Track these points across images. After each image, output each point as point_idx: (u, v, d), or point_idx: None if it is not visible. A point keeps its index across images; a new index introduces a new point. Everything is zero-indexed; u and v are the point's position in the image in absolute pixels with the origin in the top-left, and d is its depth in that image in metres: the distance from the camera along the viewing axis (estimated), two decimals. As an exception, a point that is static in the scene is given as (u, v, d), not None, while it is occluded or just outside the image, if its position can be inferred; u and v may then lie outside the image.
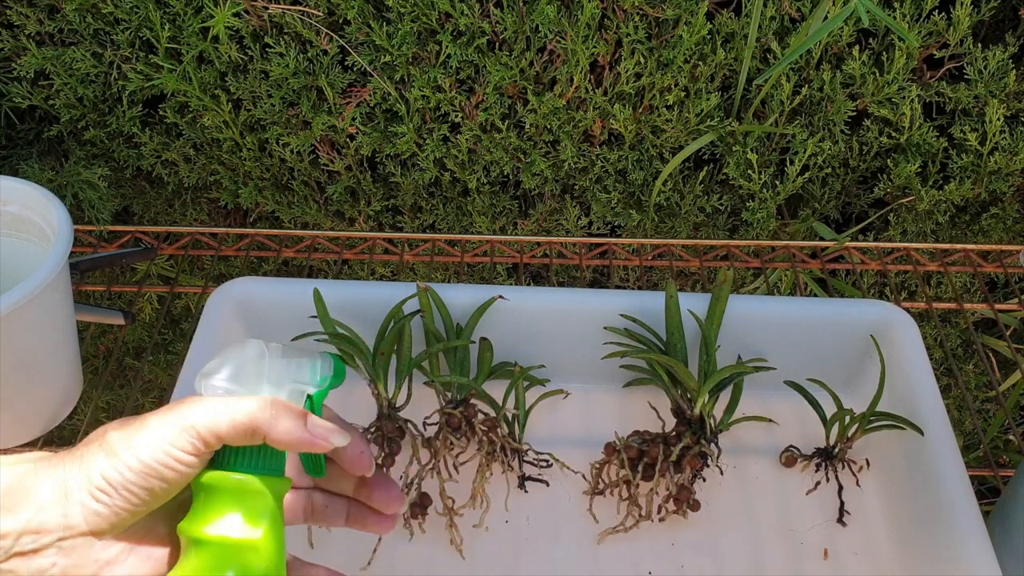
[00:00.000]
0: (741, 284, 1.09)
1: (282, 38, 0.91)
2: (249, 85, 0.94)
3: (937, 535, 0.68)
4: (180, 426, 0.42)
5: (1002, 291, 1.10)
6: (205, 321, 0.79)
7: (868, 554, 0.73)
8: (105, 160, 1.04)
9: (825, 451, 0.78)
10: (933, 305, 0.94)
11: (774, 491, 0.77)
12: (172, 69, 0.92)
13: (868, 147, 0.97)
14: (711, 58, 0.90)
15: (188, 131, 0.99)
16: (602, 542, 0.73)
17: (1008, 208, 1.00)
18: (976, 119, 0.94)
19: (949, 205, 1.01)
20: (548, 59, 0.92)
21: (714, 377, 0.73)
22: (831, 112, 0.94)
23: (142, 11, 0.89)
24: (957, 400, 1.16)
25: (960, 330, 1.13)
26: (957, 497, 0.68)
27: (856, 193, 1.04)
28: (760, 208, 0.99)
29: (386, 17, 0.89)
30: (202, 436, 0.42)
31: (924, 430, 0.72)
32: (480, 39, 0.89)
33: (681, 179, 1.01)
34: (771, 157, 0.99)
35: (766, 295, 0.98)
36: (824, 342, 0.81)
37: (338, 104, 0.95)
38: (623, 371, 0.81)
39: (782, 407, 0.81)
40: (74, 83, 0.96)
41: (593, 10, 0.85)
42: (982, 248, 1.01)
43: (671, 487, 0.72)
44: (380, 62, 0.91)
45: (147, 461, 0.41)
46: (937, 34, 0.90)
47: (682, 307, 0.78)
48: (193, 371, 0.75)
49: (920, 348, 0.78)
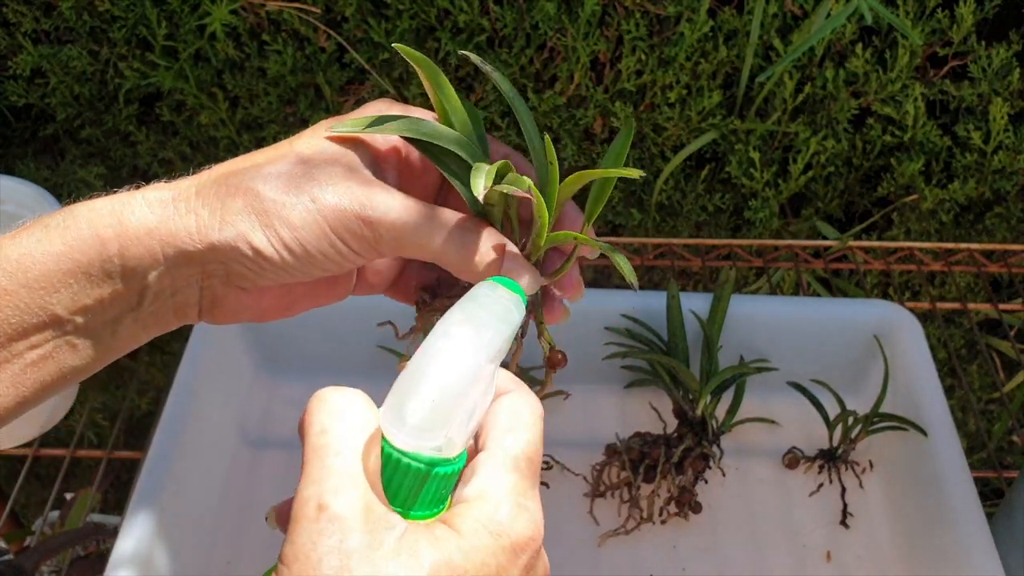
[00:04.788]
0: (743, 284, 1.09)
1: (279, 35, 0.90)
2: (246, 83, 0.93)
3: (941, 537, 0.67)
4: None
5: (1006, 291, 1.10)
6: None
7: (871, 556, 0.73)
8: (101, 159, 1.03)
9: (828, 452, 0.77)
10: (937, 305, 0.94)
11: (777, 493, 0.77)
12: (168, 67, 0.92)
13: (871, 145, 0.97)
14: (713, 55, 0.89)
15: (184, 129, 0.99)
16: (603, 544, 0.73)
17: (1012, 207, 0.99)
18: (980, 117, 0.94)
19: (953, 204, 1.00)
20: (548, 56, 0.91)
21: (716, 378, 0.73)
22: (834, 110, 0.93)
23: (138, 8, 0.89)
24: (961, 401, 1.15)
25: (964, 330, 1.12)
26: (961, 499, 0.67)
27: (859, 192, 1.03)
28: (763, 207, 0.98)
29: (384, 14, 0.88)
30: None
31: (928, 431, 0.72)
32: (479, 36, 0.88)
33: (683, 178, 1.00)
34: (774, 155, 0.98)
35: (769, 295, 0.97)
36: (827, 343, 0.80)
37: (336, 102, 0.94)
38: (624, 372, 0.80)
39: (785, 408, 0.81)
40: (70, 81, 0.95)
41: (594, 6, 0.85)
42: (986, 248, 1.00)
43: (673, 489, 0.71)
44: (378, 59, 0.90)
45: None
46: (941, 32, 0.89)
47: (684, 307, 0.77)
48: (190, 371, 0.74)
49: (924, 349, 0.77)
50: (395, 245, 0.39)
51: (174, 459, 0.69)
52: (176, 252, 0.38)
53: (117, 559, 0.63)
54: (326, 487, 0.30)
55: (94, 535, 0.78)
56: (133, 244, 0.37)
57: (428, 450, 0.32)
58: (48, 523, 0.81)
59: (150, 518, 0.65)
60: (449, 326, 0.34)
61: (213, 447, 0.75)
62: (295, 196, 0.38)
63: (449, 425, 0.33)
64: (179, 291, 0.40)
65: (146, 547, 0.64)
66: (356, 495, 0.30)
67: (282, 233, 0.38)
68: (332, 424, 0.32)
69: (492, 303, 0.36)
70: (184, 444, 0.70)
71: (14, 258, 0.37)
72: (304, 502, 0.30)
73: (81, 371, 0.40)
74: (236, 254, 0.38)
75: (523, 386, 0.36)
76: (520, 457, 0.34)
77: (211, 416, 0.75)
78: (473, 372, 0.33)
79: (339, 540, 0.29)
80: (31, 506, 1.16)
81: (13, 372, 0.38)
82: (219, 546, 0.72)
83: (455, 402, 0.33)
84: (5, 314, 0.36)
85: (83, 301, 0.38)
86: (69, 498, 0.84)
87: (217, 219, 0.38)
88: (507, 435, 0.34)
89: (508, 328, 0.36)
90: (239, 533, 0.73)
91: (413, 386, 0.32)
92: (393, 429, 0.32)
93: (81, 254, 0.37)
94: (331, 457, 0.31)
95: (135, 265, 0.38)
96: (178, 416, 0.71)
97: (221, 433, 0.77)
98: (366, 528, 0.30)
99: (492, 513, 0.32)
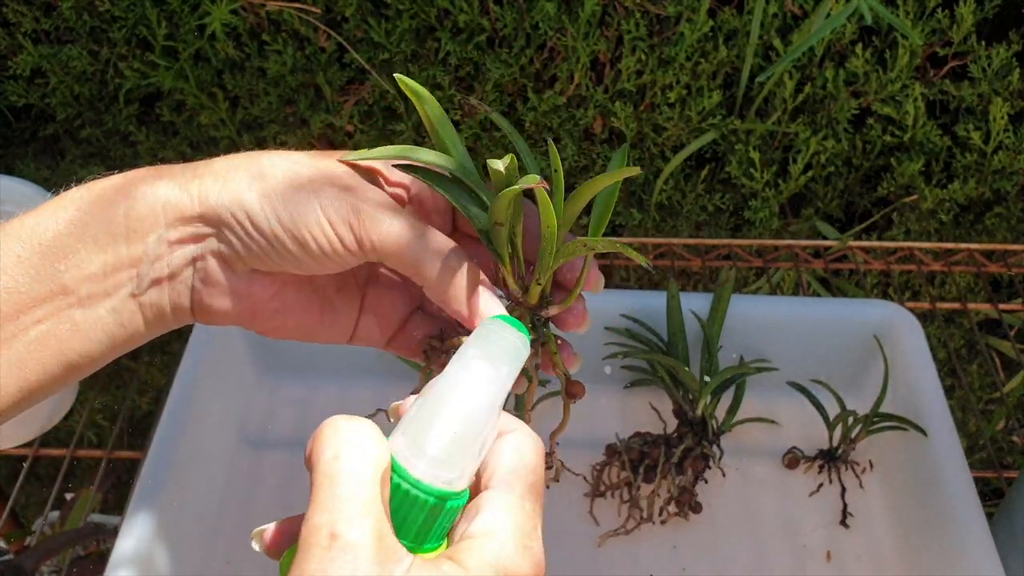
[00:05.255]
0: (743, 284, 1.09)
1: (279, 35, 0.90)
2: (246, 83, 0.93)
3: (940, 537, 0.67)
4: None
5: (1006, 291, 1.10)
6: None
7: (871, 556, 0.73)
8: (101, 158, 1.03)
9: (828, 453, 0.77)
10: (937, 305, 0.94)
11: (776, 493, 0.77)
12: (169, 67, 0.92)
13: (871, 145, 0.97)
14: (713, 55, 0.89)
15: (184, 129, 0.99)
16: (603, 544, 0.73)
17: (1012, 207, 0.99)
18: (980, 117, 0.94)
19: (953, 204, 1.00)
20: (548, 56, 0.91)
21: (716, 378, 0.73)
22: (834, 110, 0.93)
23: (138, 8, 0.89)
24: (961, 401, 1.15)
25: (964, 330, 1.12)
26: (960, 499, 0.67)
27: (859, 192, 1.03)
28: (762, 207, 0.98)
29: (384, 14, 0.88)
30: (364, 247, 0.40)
31: (928, 431, 0.72)
32: (479, 36, 0.88)
33: (683, 178, 1.00)
34: (774, 155, 0.98)
35: (769, 295, 0.97)
36: (827, 343, 0.80)
37: (336, 102, 0.94)
38: (624, 372, 0.80)
39: (785, 408, 0.81)
40: (70, 81, 0.95)
41: (594, 6, 0.85)
42: (986, 248, 1.00)
43: (673, 489, 0.71)
44: (378, 59, 0.90)
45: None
46: (941, 32, 0.89)
47: (684, 307, 0.77)
48: (189, 371, 0.74)
49: (924, 349, 0.77)
50: (379, 245, 0.40)
51: (174, 459, 0.69)
52: (176, 216, 0.40)
53: (117, 559, 0.63)
54: (339, 516, 0.30)
55: (94, 535, 0.78)
56: (138, 203, 0.40)
57: (440, 483, 0.32)
58: (48, 523, 0.81)
59: (150, 518, 0.65)
60: (468, 360, 0.35)
61: (213, 447, 0.75)
62: (295, 177, 0.40)
63: (466, 458, 0.33)
64: (175, 273, 0.41)
65: (146, 547, 0.64)
66: (369, 525, 0.30)
67: (276, 204, 0.40)
68: (345, 451, 0.32)
69: (503, 340, 0.37)
70: (184, 444, 0.70)
71: (30, 225, 0.39)
72: (315, 529, 0.30)
73: (82, 363, 0.41)
74: (230, 219, 0.40)
75: (524, 426, 0.36)
76: (525, 496, 0.34)
77: (211, 416, 0.75)
78: (492, 405, 0.34)
79: (351, 570, 0.29)
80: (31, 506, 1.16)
81: (18, 351, 0.39)
82: (219, 546, 0.72)
83: (475, 435, 0.33)
84: (17, 281, 0.38)
85: (89, 268, 0.39)
86: (69, 498, 0.84)
87: (219, 186, 0.40)
88: (512, 476, 0.34)
89: (518, 364, 0.36)
90: (239, 533, 0.73)
91: (434, 417, 0.33)
92: (413, 459, 0.32)
93: (91, 216, 0.39)
94: (344, 485, 0.31)
95: (137, 227, 0.40)
96: (178, 416, 0.71)
97: (221, 433, 0.77)
98: (378, 559, 0.30)
99: (498, 552, 0.32)
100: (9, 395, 0.39)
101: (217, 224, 0.40)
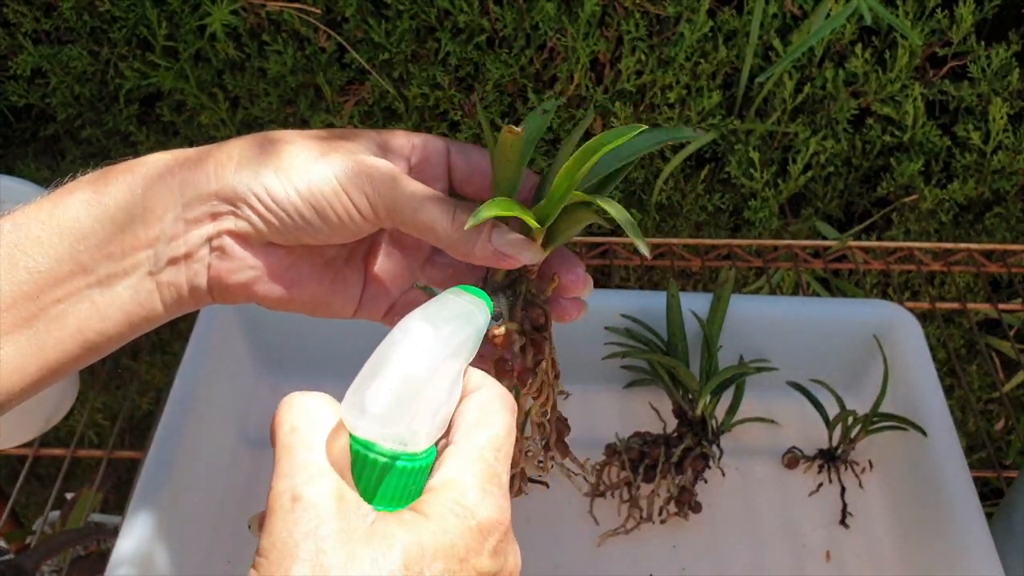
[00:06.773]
0: (743, 284, 1.09)
1: (279, 35, 0.90)
2: (246, 83, 0.93)
3: (940, 537, 0.67)
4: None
5: (1006, 291, 1.10)
6: (203, 321, 0.78)
7: (870, 556, 0.73)
8: (102, 159, 1.02)
9: (828, 452, 0.77)
10: (936, 305, 0.94)
11: (776, 493, 0.77)
12: (169, 67, 0.92)
13: (871, 146, 0.97)
14: (713, 56, 0.89)
15: (185, 129, 0.99)
16: (603, 544, 0.73)
17: (1012, 207, 0.99)
18: (979, 118, 0.94)
19: (952, 204, 1.00)
20: (548, 56, 0.91)
21: (716, 378, 0.73)
22: (834, 110, 0.93)
23: (139, 9, 0.89)
24: (960, 401, 1.15)
25: (963, 330, 1.12)
26: (960, 499, 0.67)
27: (859, 192, 1.03)
28: (762, 207, 0.98)
29: (384, 14, 0.88)
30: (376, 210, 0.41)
31: (927, 431, 0.72)
32: (479, 36, 0.88)
33: (682, 178, 1.00)
34: (773, 155, 0.98)
35: (768, 295, 0.97)
36: (827, 343, 0.80)
37: (336, 102, 0.94)
38: (624, 371, 0.80)
39: (784, 408, 0.81)
40: (70, 81, 0.95)
41: (593, 7, 0.85)
42: (986, 248, 1.00)
43: (672, 489, 0.71)
44: (379, 60, 0.90)
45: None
46: (940, 32, 0.89)
47: (684, 307, 0.77)
48: (189, 371, 0.74)
49: (923, 349, 0.77)
50: (394, 210, 0.41)
51: (174, 459, 0.69)
52: (193, 195, 0.41)
53: (117, 559, 0.63)
54: (298, 479, 0.32)
55: (94, 535, 0.78)
56: (155, 182, 0.41)
57: (391, 442, 0.33)
58: (48, 523, 0.81)
59: (150, 518, 0.65)
60: (407, 321, 0.36)
61: (213, 447, 0.75)
62: (308, 151, 0.42)
63: (411, 416, 0.33)
64: (191, 252, 0.42)
65: (146, 547, 0.64)
66: (328, 484, 0.32)
67: (292, 176, 0.41)
68: (301, 423, 0.34)
69: (453, 304, 0.38)
70: (184, 444, 0.70)
71: (48, 208, 0.40)
72: (278, 495, 0.32)
73: (100, 342, 0.41)
74: (247, 193, 0.41)
75: (494, 383, 0.37)
76: (486, 447, 0.35)
77: (211, 416, 0.75)
78: (432, 364, 0.34)
79: (314, 526, 0.31)
80: (31, 506, 1.16)
81: (38, 331, 0.40)
82: (219, 546, 0.72)
83: (415, 392, 0.33)
84: (37, 262, 0.39)
85: (108, 248, 0.40)
86: (69, 498, 0.83)
87: (234, 163, 0.41)
88: (474, 429, 0.35)
89: (470, 327, 0.37)
90: (239, 533, 0.73)
91: (372, 378, 0.33)
92: (353, 418, 0.33)
93: (110, 197, 0.40)
94: (302, 453, 0.33)
95: (154, 206, 0.41)
96: (178, 416, 0.71)
97: (221, 433, 0.77)
98: (339, 515, 0.31)
99: (458, 498, 0.33)
100: (29, 374, 0.40)
101: (233, 200, 0.41)
